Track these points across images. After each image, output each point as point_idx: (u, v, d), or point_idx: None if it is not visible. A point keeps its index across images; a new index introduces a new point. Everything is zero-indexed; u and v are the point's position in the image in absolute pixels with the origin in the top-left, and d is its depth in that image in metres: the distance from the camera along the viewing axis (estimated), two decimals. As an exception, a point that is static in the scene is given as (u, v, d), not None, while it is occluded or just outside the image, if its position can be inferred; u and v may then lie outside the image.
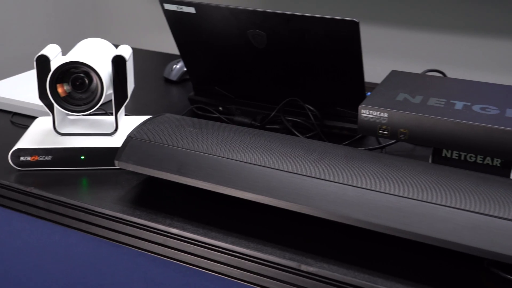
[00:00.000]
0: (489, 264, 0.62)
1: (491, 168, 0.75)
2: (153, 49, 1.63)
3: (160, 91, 1.21)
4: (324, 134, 0.95)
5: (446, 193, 0.63)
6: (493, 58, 1.59)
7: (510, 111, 0.76)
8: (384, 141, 0.94)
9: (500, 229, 0.59)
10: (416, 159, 0.74)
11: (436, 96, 0.81)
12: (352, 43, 0.88)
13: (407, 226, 0.61)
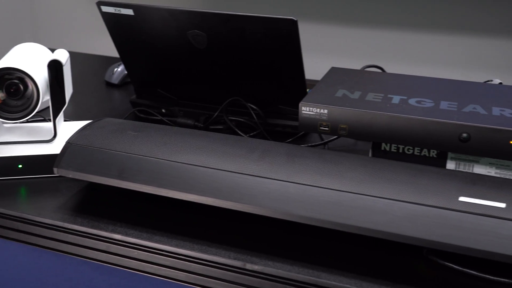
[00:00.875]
0: (428, 253, 0.64)
1: (428, 159, 0.77)
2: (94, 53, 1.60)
3: (101, 95, 1.19)
4: (267, 133, 0.96)
5: (384, 186, 0.64)
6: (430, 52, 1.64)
7: (444, 103, 0.78)
8: (327, 137, 0.95)
9: (436, 218, 0.61)
10: (356, 154, 0.75)
11: (374, 91, 0.83)
12: (291, 41, 0.88)
13: (347, 219, 0.62)
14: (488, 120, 0.72)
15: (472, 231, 0.59)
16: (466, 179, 0.66)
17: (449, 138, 0.72)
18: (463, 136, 0.72)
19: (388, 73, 0.97)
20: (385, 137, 0.75)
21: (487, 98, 0.81)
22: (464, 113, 0.75)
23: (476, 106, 0.78)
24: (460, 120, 0.72)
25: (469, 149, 0.72)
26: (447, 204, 0.62)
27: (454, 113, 0.75)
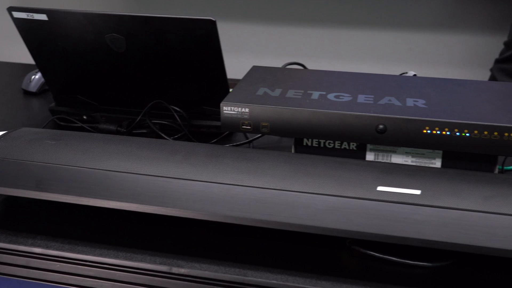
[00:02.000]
0: (350, 243, 0.66)
1: (348, 152, 0.79)
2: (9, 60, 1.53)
3: (18, 104, 1.15)
4: (192, 134, 0.95)
5: (305, 180, 0.66)
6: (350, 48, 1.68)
7: (361, 97, 0.81)
8: (252, 135, 0.96)
9: (356, 209, 0.62)
10: (280, 150, 0.76)
11: (294, 88, 0.84)
12: (211, 42, 0.88)
13: (271, 216, 0.63)
14: (403, 111, 0.75)
15: (390, 219, 0.61)
16: (384, 169, 0.69)
17: (366, 130, 0.75)
18: (380, 128, 0.74)
19: (308, 69, 0.99)
20: (306, 132, 0.76)
21: (401, 90, 0.84)
22: (380, 106, 0.77)
23: (391, 98, 0.80)
24: (376, 112, 0.75)
25: (386, 140, 0.74)
26: (366, 195, 0.63)
27: (370, 106, 0.77)
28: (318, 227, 0.62)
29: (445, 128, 0.73)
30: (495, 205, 0.61)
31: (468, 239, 0.59)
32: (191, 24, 0.87)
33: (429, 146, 0.74)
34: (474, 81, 0.90)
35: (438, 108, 0.77)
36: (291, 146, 0.84)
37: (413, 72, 0.98)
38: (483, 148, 0.73)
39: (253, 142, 0.94)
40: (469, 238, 0.59)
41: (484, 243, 0.58)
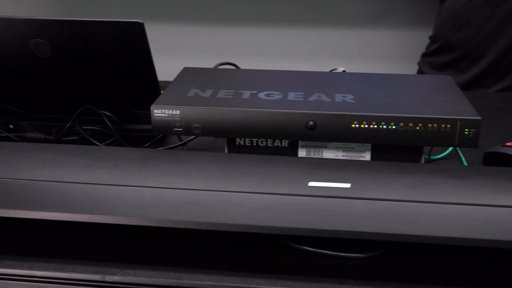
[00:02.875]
0: (285, 239, 0.66)
1: (281, 150, 0.79)
2: None
3: None
4: (125, 139, 0.94)
5: (238, 180, 0.66)
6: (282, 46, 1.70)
7: (291, 94, 0.82)
8: (186, 137, 0.95)
9: (289, 205, 0.63)
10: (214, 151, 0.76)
11: (225, 88, 0.84)
12: (139, 44, 0.87)
13: (204, 217, 0.62)
14: (331, 107, 0.77)
15: (322, 213, 0.62)
16: (315, 164, 0.70)
17: (297, 127, 0.75)
18: (310, 124, 0.75)
19: (240, 69, 0.99)
20: (237, 132, 0.77)
21: (331, 86, 0.85)
22: (310, 102, 0.78)
23: (321, 94, 0.81)
24: (306, 109, 0.76)
25: (316, 136, 0.76)
26: (298, 191, 0.64)
27: (300, 103, 0.78)
28: (252, 226, 0.62)
29: (372, 122, 0.75)
30: (420, 194, 0.64)
31: (396, 228, 0.61)
32: (118, 27, 0.86)
33: (358, 140, 0.76)
34: (400, 75, 0.93)
35: (365, 102, 0.79)
36: (224, 146, 0.84)
37: (342, 68, 1.01)
38: (409, 139, 0.75)
39: (187, 144, 0.94)
40: (397, 227, 0.61)
41: (411, 231, 0.60)
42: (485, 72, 1.44)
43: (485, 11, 1.40)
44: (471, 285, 0.60)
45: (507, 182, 0.65)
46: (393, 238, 0.61)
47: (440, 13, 1.52)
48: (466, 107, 0.77)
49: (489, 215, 0.61)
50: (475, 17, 1.42)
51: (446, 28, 1.48)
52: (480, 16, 1.41)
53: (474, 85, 1.46)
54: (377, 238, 0.61)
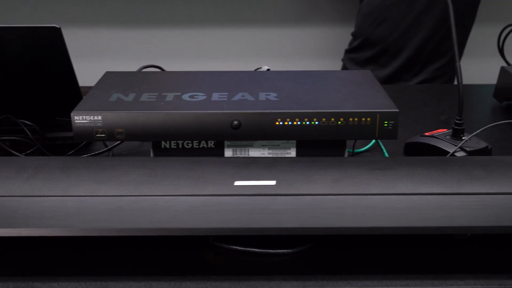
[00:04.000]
0: (213, 240, 0.66)
1: (207, 150, 0.79)
2: None
3: None
4: (48, 148, 0.91)
5: (163, 183, 0.65)
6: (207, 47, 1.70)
7: (215, 95, 0.81)
8: (112, 143, 0.93)
9: (215, 206, 0.63)
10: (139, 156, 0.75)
11: (149, 91, 0.83)
12: (57, 50, 0.85)
13: (130, 223, 0.61)
14: (255, 106, 0.77)
15: (248, 212, 0.63)
16: (241, 164, 0.70)
17: (222, 127, 0.76)
18: (235, 124, 0.75)
19: (164, 71, 0.98)
20: (162, 135, 0.76)
21: (255, 85, 0.86)
22: (234, 102, 0.79)
23: (244, 94, 0.82)
24: (230, 109, 0.76)
25: (241, 135, 0.76)
26: (224, 191, 0.64)
27: (224, 103, 0.78)
28: (179, 229, 0.61)
29: (295, 119, 0.76)
30: (343, 187, 0.65)
31: (321, 222, 0.62)
32: (34, 33, 0.83)
33: (283, 137, 0.77)
34: (322, 71, 0.95)
35: (288, 100, 0.80)
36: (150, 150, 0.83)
37: (266, 67, 1.01)
38: (332, 134, 0.77)
39: (113, 150, 0.92)
40: (322, 221, 0.62)
41: (336, 223, 0.62)
42: (404, 66, 1.50)
43: (402, 8, 1.46)
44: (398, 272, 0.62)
45: (425, 170, 0.68)
46: (318, 231, 0.62)
47: (360, 10, 1.57)
48: (385, 100, 0.80)
49: (408, 203, 0.63)
50: (392, 14, 1.47)
51: (366, 25, 1.53)
52: (397, 13, 1.47)
53: (395, 78, 1.52)
54: (303, 233, 0.62)
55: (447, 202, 0.64)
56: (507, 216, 0.62)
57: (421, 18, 1.45)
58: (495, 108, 1.12)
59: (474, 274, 0.61)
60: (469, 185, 0.65)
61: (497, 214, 0.62)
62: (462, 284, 0.60)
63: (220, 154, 0.79)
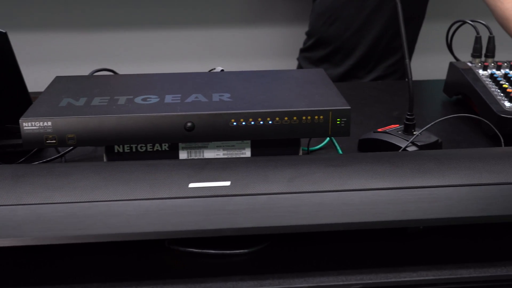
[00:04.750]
0: (169, 243, 0.66)
1: (161, 153, 0.79)
2: None
3: None
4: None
5: (116, 188, 0.64)
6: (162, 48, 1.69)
7: (168, 97, 0.81)
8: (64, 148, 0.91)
9: (170, 209, 0.62)
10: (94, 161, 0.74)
11: (100, 95, 0.82)
12: (4, 55, 0.83)
13: (83, 230, 0.60)
14: (208, 107, 0.77)
15: (204, 213, 0.62)
16: (195, 165, 0.70)
17: (175, 129, 0.75)
18: (188, 126, 0.75)
19: (116, 75, 0.97)
20: (114, 139, 0.75)
21: (208, 86, 0.86)
22: (187, 104, 0.78)
23: (198, 95, 0.82)
24: (183, 110, 0.76)
25: (195, 136, 0.76)
26: (178, 193, 0.64)
27: (177, 105, 0.78)
28: (133, 233, 0.61)
29: (249, 119, 0.76)
30: (298, 185, 0.66)
31: (277, 220, 0.62)
32: (-22, 38, 0.81)
33: (237, 138, 0.77)
34: (276, 71, 0.95)
35: (242, 100, 0.80)
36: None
37: (220, 68, 1.01)
38: (285, 133, 0.77)
39: (65, 156, 0.90)
40: (277, 220, 0.62)
41: (291, 222, 0.62)
42: (358, 64, 1.52)
43: (354, 6, 1.48)
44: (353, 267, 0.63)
45: (377, 166, 0.69)
46: (274, 230, 0.62)
47: (313, 10, 1.58)
48: (337, 98, 0.81)
49: (361, 199, 0.64)
50: (344, 13, 1.49)
51: (320, 24, 1.54)
52: (349, 11, 1.49)
53: (349, 76, 1.54)
54: (259, 232, 0.62)
55: (399, 196, 0.65)
56: (457, 207, 0.64)
57: (373, 17, 1.47)
58: (445, 102, 1.15)
59: (426, 265, 0.63)
60: (420, 178, 0.67)
61: (447, 206, 0.64)
62: (415, 276, 0.61)
63: (175, 156, 0.79)
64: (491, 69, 1.06)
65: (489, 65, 1.07)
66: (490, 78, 1.03)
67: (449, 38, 1.21)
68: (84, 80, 0.90)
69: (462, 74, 1.06)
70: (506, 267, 0.63)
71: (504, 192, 0.65)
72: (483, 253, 0.65)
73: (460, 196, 0.65)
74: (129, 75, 0.93)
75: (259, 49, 1.92)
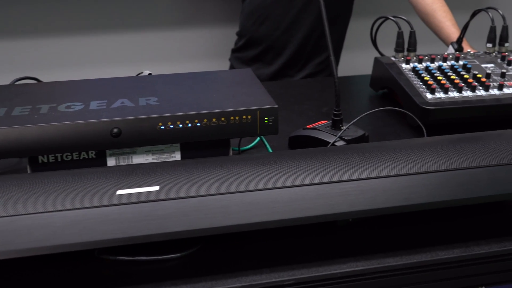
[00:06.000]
0: (99, 253, 0.64)
1: (89, 161, 0.77)
2: None
3: None
4: None
5: (40, 200, 0.62)
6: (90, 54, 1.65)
7: (93, 104, 0.79)
8: (-14, 162, 0.88)
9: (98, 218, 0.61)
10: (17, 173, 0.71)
11: (21, 104, 0.79)
12: None
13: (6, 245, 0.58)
14: (135, 112, 0.76)
15: (132, 220, 0.61)
16: (123, 172, 0.68)
17: (101, 136, 0.74)
18: (115, 132, 0.74)
19: (39, 83, 0.94)
20: (38, 149, 0.72)
21: (135, 91, 0.84)
22: (113, 109, 0.77)
23: (124, 100, 0.80)
24: (109, 116, 0.74)
25: (123, 142, 0.74)
26: (106, 201, 0.62)
27: (103, 111, 0.76)
28: (60, 245, 0.59)
29: (177, 122, 0.75)
30: (228, 185, 0.66)
31: (207, 222, 0.62)
32: None
33: (166, 141, 0.76)
34: (203, 72, 0.95)
35: (169, 103, 0.79)
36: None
37: (148, 71, 1.00)
38: (215, 134, 0.77)
39: (-12, 169, 0.86)
40: (208, 222, 0.62)
41: (222, 223, 0.62)
42: (289, 63, 1.54)
43: (282, 6, 1.49)
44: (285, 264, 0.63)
45: (306, 162, 0.70)
46: (205, 232, 0.62)
47: (243, 10, 1.59)
48: (264, 97, 0.81)
49: (290, 196, 0.65)
50: (273, 12, 1.51)
51: (250, 24, 1.55)
52: (278, 11, 1.50)
53: (281, 75, 1.55)
54: (190, 235, 0.61)
55: (327, 190, 0.66)
56: (382, 198, 0.66)
57: (300, 16, 1.49)
58: (372, 97, 1.18)
59: (355, 256, 0.64)
60: (347, 172, 0.68)
61: (373, 198, 0.66)
62: (345, 268, 0.62)
63: (103, 164, 0.77)
64: (413, 62, 1.10)
65: (411, 59, 1.11)
66: (412, 72, 1.07)
67: (373, 34, 1.24)
68: (4, 89, 0.87)
69: (386, 69, 1.10)
70: (431, 252, 0.65)
71: (425, 181, 0.67)
72: (410, 240, 0.68)
73: (385, 187, 0.67)
74: (52, 83, 0.90)
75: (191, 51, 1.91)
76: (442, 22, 1.42)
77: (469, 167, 0.70)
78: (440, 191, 0.67)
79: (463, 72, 1.06)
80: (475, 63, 1.10)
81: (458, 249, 0.66)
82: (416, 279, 0.64)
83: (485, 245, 0.67)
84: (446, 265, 0.65)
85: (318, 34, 1.51)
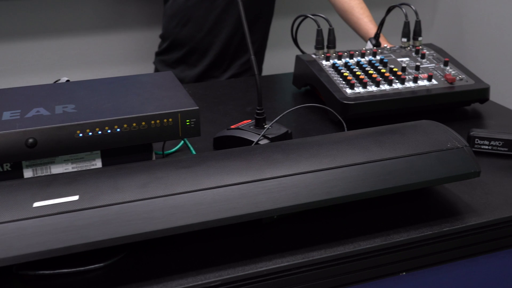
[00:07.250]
0: (17, 269, 0.62)
1: (4, 174, 0.74)
2: None
3: None
4: None
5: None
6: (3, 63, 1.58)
7: (6, 114, 0.76)
8: None
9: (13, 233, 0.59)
10: None
11: None
12: None
13: None
14: (51, 120, 0.73)
15: (51, 232, 0.59)
16: (41, 183, 0.66)
17: (16, 147, 0.71)
18: (30, 142, 0.71)
19: None
20: None
21: (51, 99, 0.82)
22: (28, 119, 0.74)
23: (39, 109, 0.78)
24: (23, 127, 0.72)
25: (39, 153, 0.72)
26: (22, 215, 0.60)
27: (16, 122, 0.73)
28: (-27, 264, 0.56)
29: (95, 128, 0.74)
30: (151, 190, 0.65)
31: (130, 229, 0.61)
32: None
33: (86, 149, 0.74)
34: (124, 76, 0.93)
35: (87, 110, 0.77)
36: None
37: (66, 78, 0.97)
38: (136, 139, 0.76)
39: None
40: (131, 228, 0.61)
41: (145, 228, 0.61)
42: (213, 64, 1.54)
43: (204, 7, 1.49)
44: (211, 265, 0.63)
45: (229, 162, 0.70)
46: (128, 240, 0.61)
47: (165, 12, 1.57)
48: (185, 99, 0.81)
49: (214, 197, 0.65)
50: (196, 13, 1.50)
51: (172, 26, 1.54)
52: (200, 12, 1.50)
53: (206, 76, 1.55)
54: (114, 244, 0.60)
55: (250, 189, 0.66)
56: (304, 193, 0.67)
57: (223, 17, 1.50)
58: (295, 94, 1.20)
59: (281, 253, 0.65)
60: (270, 170, 0.69)
61: (295, 194, 0.67)
62: (271, 265, 0.63)
63: (19, 176, 0.74)
64: (333, 59, 1.13)
65: (331, 55, 1.14)
66: (332, 68, 1.10)
67: (293, 32, 1.26)
68: None
69: (307, 66, 1.12)
70: (353, 243, 0.67)
71: (345, 174, 0.69)
72: (333, 233, 0.69)
73: (306, 182, 0.68)
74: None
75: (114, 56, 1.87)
76: (360, 19, 1.46)
77: (387, 158, 0.73)
78: (359, 184, 0.69)
79: (381, 66, 1.09)
80: (392, 58, 1.14)
81: (379, 238, 0.68)
82: (340, 270, 0.66)
83: (404, 232, 0.69)
84: (368, 255, 0.67)
85: (241, 35, 1.52)
